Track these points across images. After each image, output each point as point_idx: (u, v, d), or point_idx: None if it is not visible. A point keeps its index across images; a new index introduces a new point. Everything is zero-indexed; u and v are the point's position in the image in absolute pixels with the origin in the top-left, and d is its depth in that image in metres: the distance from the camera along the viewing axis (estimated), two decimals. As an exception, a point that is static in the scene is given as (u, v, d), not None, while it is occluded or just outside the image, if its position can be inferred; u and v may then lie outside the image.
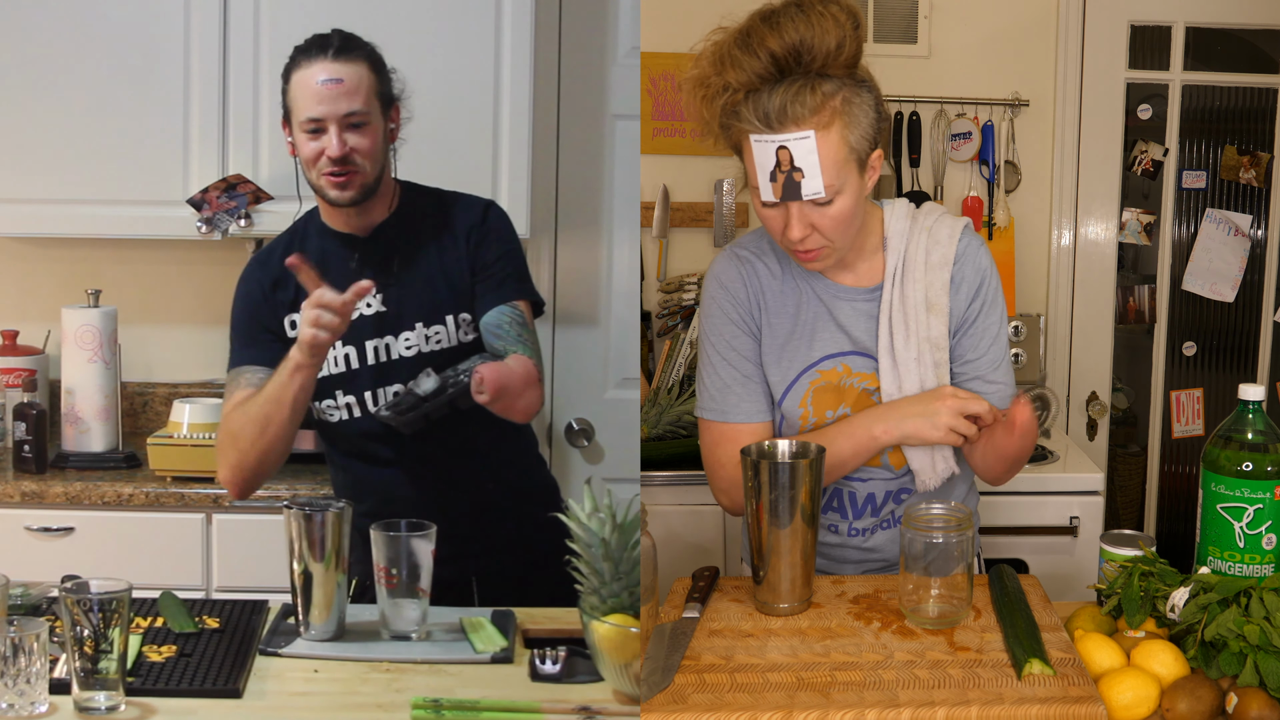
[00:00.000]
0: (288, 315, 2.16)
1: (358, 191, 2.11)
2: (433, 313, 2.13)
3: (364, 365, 2.14)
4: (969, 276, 1.95)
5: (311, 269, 1.98)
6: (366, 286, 1.95)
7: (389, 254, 2.15)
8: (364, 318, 2.12)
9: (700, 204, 3.64)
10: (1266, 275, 3.83)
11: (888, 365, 1.95)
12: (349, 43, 2.12)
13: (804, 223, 1.81)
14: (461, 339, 2.14)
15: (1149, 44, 3.73)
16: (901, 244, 1.95)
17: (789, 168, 1.75)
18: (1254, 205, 3.81)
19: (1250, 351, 3.87)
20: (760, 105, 1.76)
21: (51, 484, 2.83)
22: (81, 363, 2.96)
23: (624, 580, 1.65)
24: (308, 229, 2.22)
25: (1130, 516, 3.93)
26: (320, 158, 2.09)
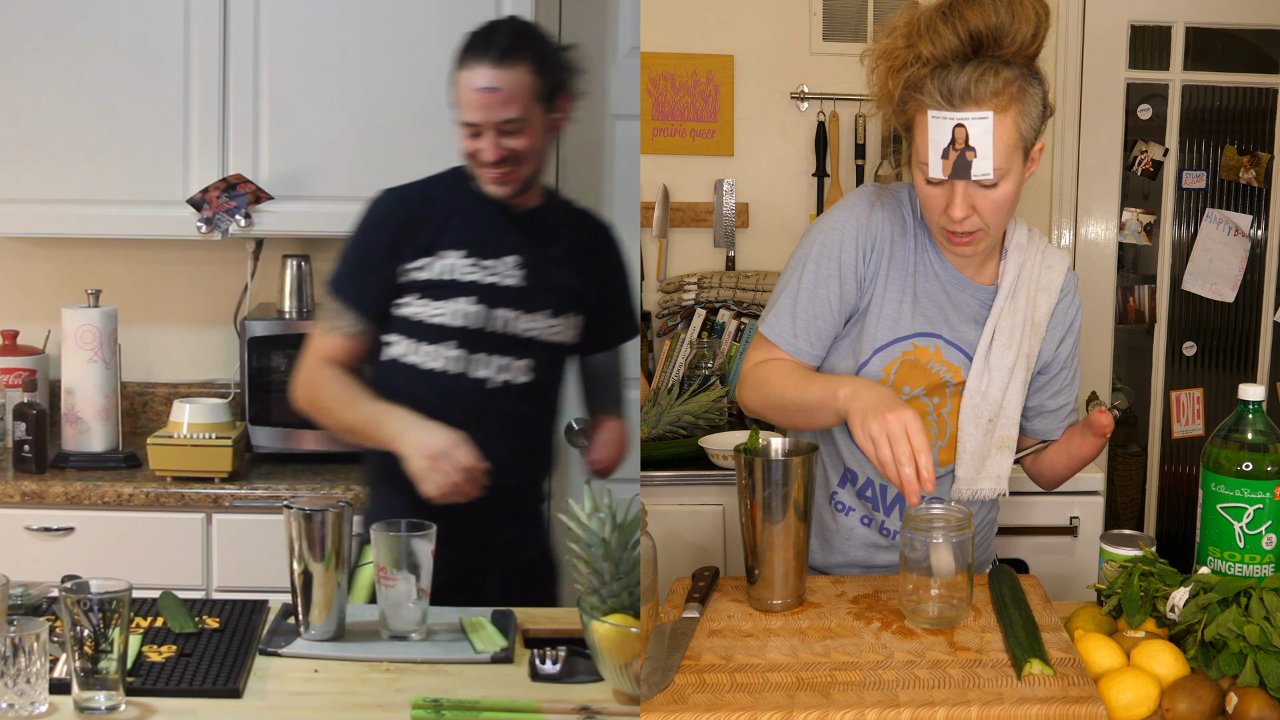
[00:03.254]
0: (416, 261, 2.17)
1: (516, 186, 2.17)
2: (562, 305, 2.22)
3: (484, 329, 2.17)
4: (1069, 313, 2.05)
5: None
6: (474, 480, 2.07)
7: (536, 237, 2.21)
8: (499, 286, 2.17)
9: (700, 204, 3.64)
10: (1266, 275, 3.83)
11: (980, 368, 1.97)
12: (516, 43, 2.13)
13: (966, 203, 1.82)
14: (569, 339, 2.26)
15: (1149, 44, 3.73)
16: (1020, 257, 2.00)
17: (962, 146, 1.78)
18: (1254, 205, 3.81)
19: (1250, 351, 3.87)
20: (945, 82, 1.78)
21: (51, 484, 2.83)
22: (81, 363, 2.96)
23: (624, 580, 1.65)
24: (456, 185, 2.21)
25: (1130, 516, 3.93)
26: (477, 154, 2.14)
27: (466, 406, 2.16)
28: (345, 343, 2.20)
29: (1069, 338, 2.06)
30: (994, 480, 2.00)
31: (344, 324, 2.20)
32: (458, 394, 2.17)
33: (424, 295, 2.16)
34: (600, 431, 2.29)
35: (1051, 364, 2.06)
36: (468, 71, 2.12)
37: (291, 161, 2.97)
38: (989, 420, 1.98)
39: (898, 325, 1.96)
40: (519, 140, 2.13)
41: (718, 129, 3.61)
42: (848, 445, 2.02)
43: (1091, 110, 3.67)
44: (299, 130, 2.96)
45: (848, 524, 2.05)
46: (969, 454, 1.99)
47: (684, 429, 3.24)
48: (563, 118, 2.20)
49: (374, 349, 2.21)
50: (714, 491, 3.06)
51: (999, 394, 1.97)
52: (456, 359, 2.17)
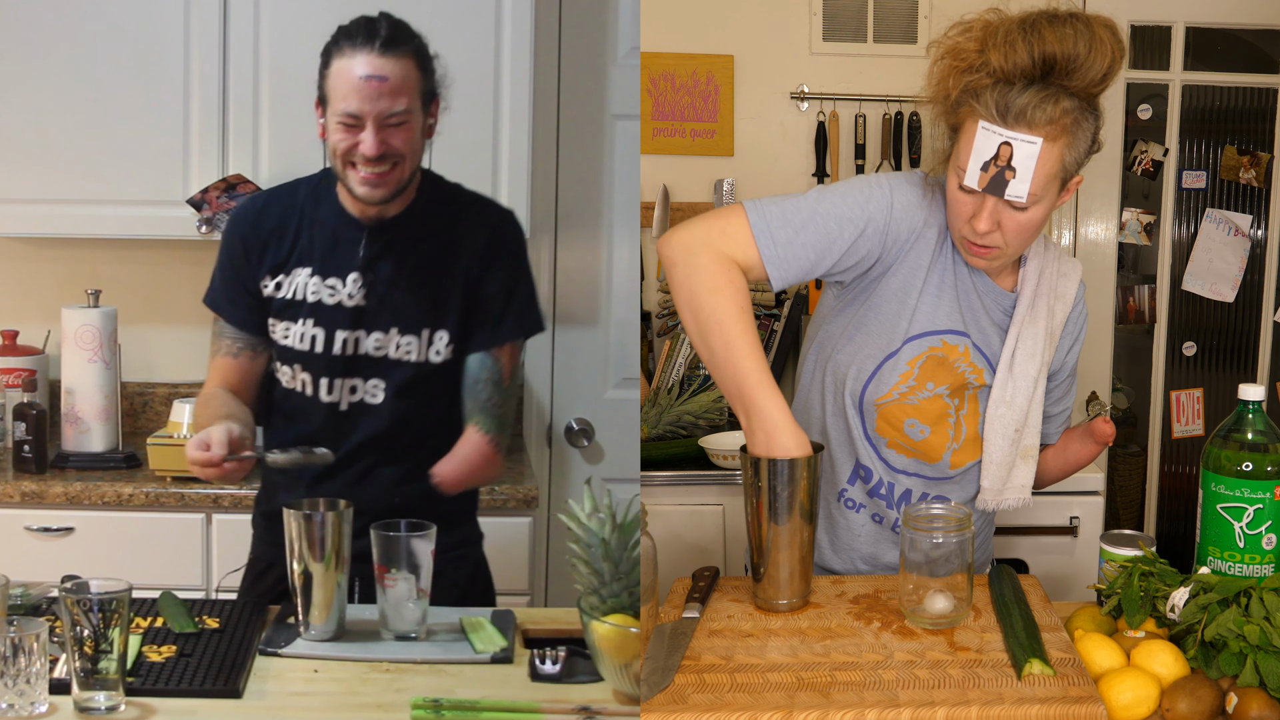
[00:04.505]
0: (270, 278, 2.11)
1: (390, 190, 2.04)
2: (412, 322, 2.08)
3: (327, 352, 2.08)
4: (1079, 321, 2.07)
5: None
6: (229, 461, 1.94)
7: (388, 250, 2.09)
8: (343, 307, 2.08)
9: (700, 204, 3.64)
10: (1266, 275, 3.83)
11: (1005, 378, 1.97)
12: (397, 34, 2.00)
13: (993, 219, 1.82)
14: (431, 357, 2.08)
15: (1149, 44, 3.73)
16: (1039, 265, 2.00)
17: (1004, 164, 1.77)
18: (1254, 205, 3.81)
19: (1250, 351, 3.87)
20: (1004, 98, 1.77)
21: (51, 484, 2.83)
22: (81, 363, 2.96)
23: (624, 580, 1.65)
24: (320, 194, 2.12)
25: (1130, 516, 3.93)
26: (352, 151, 2.00)
27: (328, 429, 2.10)
28: (232, 363, 2.13)
29: (1076, 345, 2.08)
30: (1019, 490, 2.02)
31: (224, 343, 2.14)
32: (317, 416, 2.11)
33: (279, 315, 2.11)
34: (458, 444, 2.08)
35: (1059, 371, 2.07)
36: (347, 59, 1.97)
37: (291, 161, 2.97)
38: (1016, 431, 1.99)
39: (934, 318, 1.94)
40: (401, 135, 2.00)
41: (718, 129, 3.61)
42: (863, 442, 2.01)
43: (1091, 110, 3.67)
44: (299, 130, 2.96)
45: (857, 521, 2.05)
46: (995, 464, 2.00)
47: (684, 429, 3.24)
48: (434, 124, 2.08)
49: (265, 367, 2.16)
50: (714, 491, 3.06)
51: (1024, 404, 1.98)
52: (306, 381, 2.10)
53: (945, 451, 2.00)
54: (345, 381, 2.09)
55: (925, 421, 1.98)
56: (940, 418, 1.98)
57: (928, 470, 2.01)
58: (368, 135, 1.98)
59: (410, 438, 2.11)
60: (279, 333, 2.11)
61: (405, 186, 2.06)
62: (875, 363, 1.95)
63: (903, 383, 1.95)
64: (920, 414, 1.97)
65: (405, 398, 2.09)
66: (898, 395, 1.96)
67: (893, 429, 1.99)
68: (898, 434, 1.99)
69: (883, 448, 2.01)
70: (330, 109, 2.01)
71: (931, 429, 1.98)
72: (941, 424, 1.98)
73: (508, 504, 2.87)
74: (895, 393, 1.96)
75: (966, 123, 1.81)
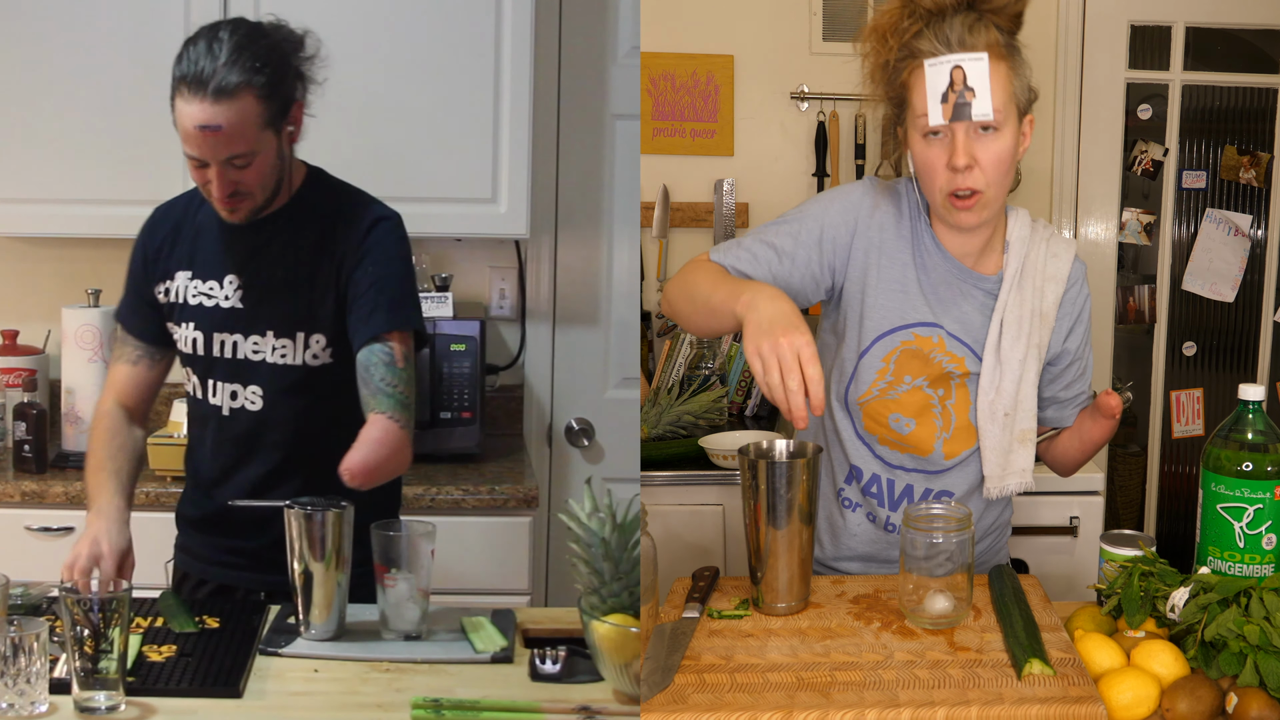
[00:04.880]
0: (160, 285, 2.14)
1: (247, 214, 2.02)
2: (286, 325, 2.05)
3: (208, 354, 2.09)
4: (1077, 302, 2.05)
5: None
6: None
7: (261, 251, 2.07)
8: (220, 308, 2.08)
9: (700, 204, 3.64)
10: (1266, 275, 3.83)
11: (992, 363, 1.97)
12: (234, 67, 1.92)
13: (968, 152, 1.83)
14: (309, 360, 2.05)
15: (1149, 44, 3.73)
16: (1023, 249, 1.99)
17: (961, 88, 1.82)
18: (1254, 205, 3.81)
19: (1250, 351, 3.87)
20: (940, 31, 1.84)
21: (51, 484, 2.83)
22: (81, 363, 2.97)
23: (624, 580, 1.65)
24: (202, 198, 2.09)
25: (1130, 516, 3.93)
26: (206, 186, 1.99)
27: (214, 434, 2.13)
28: (130, 371, 2.18)
29: (1078, 328, 2.06)
30: (1020, 475, 2.01)
31: (125, 351, 2.18)
32: (206, 421, 2.13)
33: (171, 319, 2.13)
34: (362, 430, 1.96)
35: (1062, 355, 2.05)
36: (183, 102, 1.93)
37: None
38: (1005, 415, 1.99)
39: (902, 312, 1.96)
40: (249, 173, 1.97)
41: (718, 129, 3.61)
42: (853, 443, 2.03)
43: (1091, 110, 3.67)
44: (299, 130, 2.96)
45: (854, 519, 2.06)
46: (991, 451, 2.00)
47: (684, 429, 3.24)
48: (297, 129, 2.04)
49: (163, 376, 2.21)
50: (714, 491, 3.06)
51: (1013, 387, 1.98)
52: (196, 385, 2.13)
53: (935, 442, 2.00)
54: (226, 386, 2.10)
55: (908, 415, 1.99)
56: (924, 409, 1.99)
57: (924, 464, 2.02)
58: (214, 177, 1.96)
59: (296, 449, 2.09)
60: (175, 337, 2.14)
61: (265, 205, 2.04)
62: (852, 364, 1.98)
63: (880, 379, 1.97)
64: (902, 408, 1.99)
65: (284, 404, 2.07)
66: (877, 392, 1.98)
67: (880, 426, 2.00)
68: (885, 430, 2.00)
69: (875, 445, 2.02)
70: (181, 143, 1.97)
71: (916, 421, 1.99)
72: (926, 415, 1.99)
73: (508, 504, 2.87)
74: (875, 390, 1.98)
75: (913, 79, 1.86)
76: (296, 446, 2.09)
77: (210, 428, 2.13)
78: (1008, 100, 1.84)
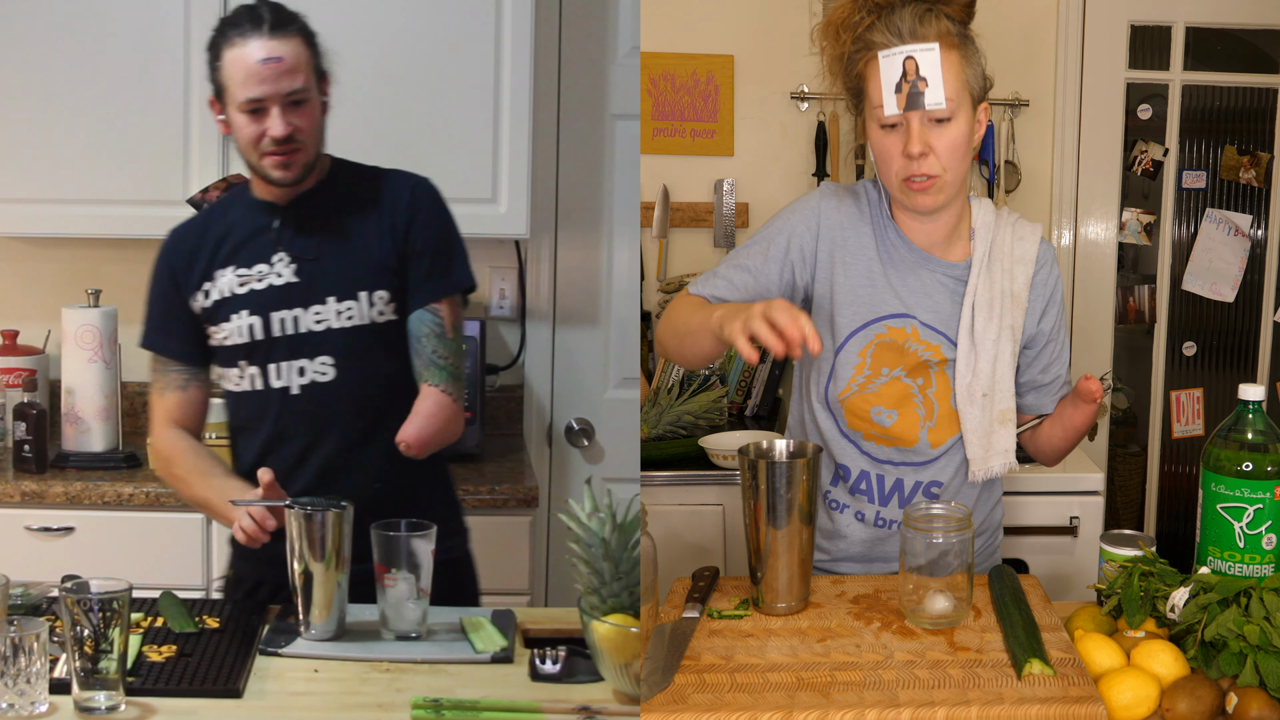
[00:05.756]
0: (197, 292, 2.12)
1: (300, 170, 2.06)
2: (347, 287, 2.07)
3: (268, 336, 2.08)
4: (1047, 281, 2.06)
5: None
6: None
7: (307, 223, 2.10)
8: (274, 288, 2.07)
9: (700, 204, 3.64)
10: (1266, 275, 3.83)
11: (966, 346, 1.99)
12: (283, 17, 2.04)
13: (922, 140, 1.88)
14: (375, 318, 2.08)
15: (1149, 44, 3.73)
16: (989, 235, 2.03)
17: (914, 78, 1.87)
18: (1254, 205, 3.81)
19: (1250, 351, 3.87)
20: (892, 23, 1.89)
21: (51, 484, 2.83)
22: (81, 363, 2.96)
23: (624, 580, 1.65)
24: (233, 200, 2.17)
25: (1130, 516, 3.93)
26: (262, 138, 2.03)
27: (279, 420, 2.09)
28: (181, 397, 2.14)
29: (1051, 309, 2.07)
30: (1003, 455, 2.02)
31: (170, 378, 2.15)
32: (269, 410, 2.09)
33: (212, 322, 2.11)
34: (416, 402, 2.06)
35: (1036, 338, 2.06)
36: (239, 48, 2.01)
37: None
38: (983, 395, 1.99)
39: (866, 308, 1.99)
40: (303, 116, 2.04)
41: (718, 129, 3.61)
42: (838, 441, 2.04)
43: (1091, 110, 3.67)
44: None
45: (843, 521, 2.06)
46: (973, 433, 2.01)
47: (684, 429, 3.24)
48: (328, 103, 2.11)
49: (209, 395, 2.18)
50: (714, 491, 3.06)
51: (989, 367, 1.99)
52: (254, 375, 2.09)
53: (920, 431, 2.01)
54: (291, 364, 2.08)
55: (889, 406, 2.00)
56: (904, 400, 2.00)
57: (910, 455, 2.02)
58: (274, 117, 2.02)
59: (370, 413, 2.09)
60: (217, 338, 2.11)
61: (314, 163, 2.09)
62: (829, 362, 2.00)
63: (858, 374, 1.99)
64: (882, 400, 2.00)
65: (355, 368, 2.08)
66: (856, 387, 2.00)
67: (862, 421, 2.02)
68: (868, 425, 2.02)
69: (861, 441, 2.02)
70: (230, 99, 2.04)
71: (898, 413, 2.00)
72: (907, 405, 2.00)
73: (508, 504, 2.87)
74: (854, 385, 2.00)
75: (868, 71, 1.91)
76: (374, 410, 2.09)
77: (271, 417, 2.10)
78: (960, 89, 1.90)
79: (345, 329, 2.07)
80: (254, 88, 2.00)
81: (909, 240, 2.00)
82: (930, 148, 1.89)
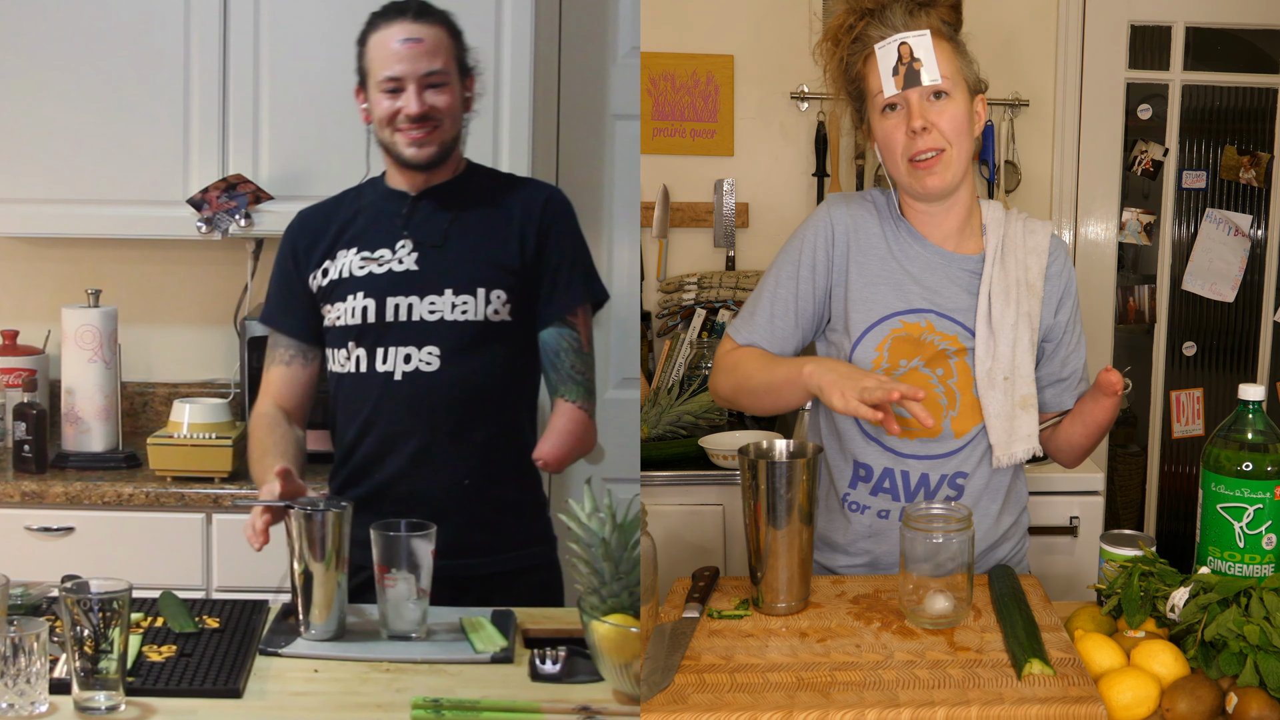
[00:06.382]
0: (317, 270, 2.15)
1: (436, 149, 2.11)
2: (466, 282, 2.09)
3: (380, 320, 2.09)
4: (1062, 274, 2.09)
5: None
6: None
7: (435, 214, 2.13)
8: (393, 273, 2.10)
9: (700, 204, 3.64)
10: (1266, 275, 3.83)
11: (984, 333, 2.01)
12: (426, 7, 2.12)
13: (923, 115, 1.95)
14: (489, 316, 2.09)
15: (1149, 44, 3.73)
16: (1000, 230, 2.07)
17: (909, 60, 1.95)
18: (1254, 205, 3.81)
19: (1250, 351, 3.87)
20: (885, 18, 1.98)
21: (51, 484, 2.83)
22: (81, 363, 2.96)
23: (624, 580, 1.65)
24: (364, 189, 2.21)
25: (1130, 516, 3.93)
26: (397, 115, 2.08)
27: (381, 404, 2.09)
28: (284, 371, 2.17)
29: (1067, 300, 2.10)
30: (1026, 440, 2.03)
31: (278, 353, 2.18)
32: (371, 392, 2.10)
33: (328, 301, 2.13)
34: (551, 419, 2.11)
35: (1053, 329, 2.09)
36: (384, 31, 2.09)
37: (291, 161, 2.97)
38: (1005, 379, 2.01)
39: (880, 306, 2.02)
40: (442, 96, 2.09)
41: (718, 129, 3.61)
42: (860, 441, 2.04)
43: (1091, 110, 3.67)
44: (299, 130, 2.96)
45: (864, 522, 2.07)
46: (995, 418, 2.02)
47: (684, 429, 3.24)
48: (472, 99, 2.16)
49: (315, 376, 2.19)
50: (714, 491, 3.06)
51: (1008, 351, 2.01)
52: (361, 357, 2.10)
53: (943, 420, 2.02)
54: (399, 350, 2.09)
55: None
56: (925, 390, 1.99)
57: (934, 447, 2.02)
58: (410, 95, 2.08)
59: (469, 409, 2.09)
60: (330, 317, 2.13)
61: (450, 149, 2.13)
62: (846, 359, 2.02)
63: (875, 368, 2.01)
64: None
65: (461, 361, 2.08)
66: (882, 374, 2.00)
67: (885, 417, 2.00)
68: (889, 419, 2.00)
69: (884, 437, 2.03)
70: (371, 81, 2.10)
71: None
72: (929, 396, 2.00)
73: (508, 504, 2.87)
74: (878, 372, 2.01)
75: (868, 69, 1.99)
76: (473, 407, 2.09)
77: (373, 399, 2.10)
78: (955, 72, 1.97)
79: (458, 323, 2.08)
80: (393, 65, 2.07)
81: (922, 237, 2.04)
82: (932, 123, 1.94)
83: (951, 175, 1.97)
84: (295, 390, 2.18)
